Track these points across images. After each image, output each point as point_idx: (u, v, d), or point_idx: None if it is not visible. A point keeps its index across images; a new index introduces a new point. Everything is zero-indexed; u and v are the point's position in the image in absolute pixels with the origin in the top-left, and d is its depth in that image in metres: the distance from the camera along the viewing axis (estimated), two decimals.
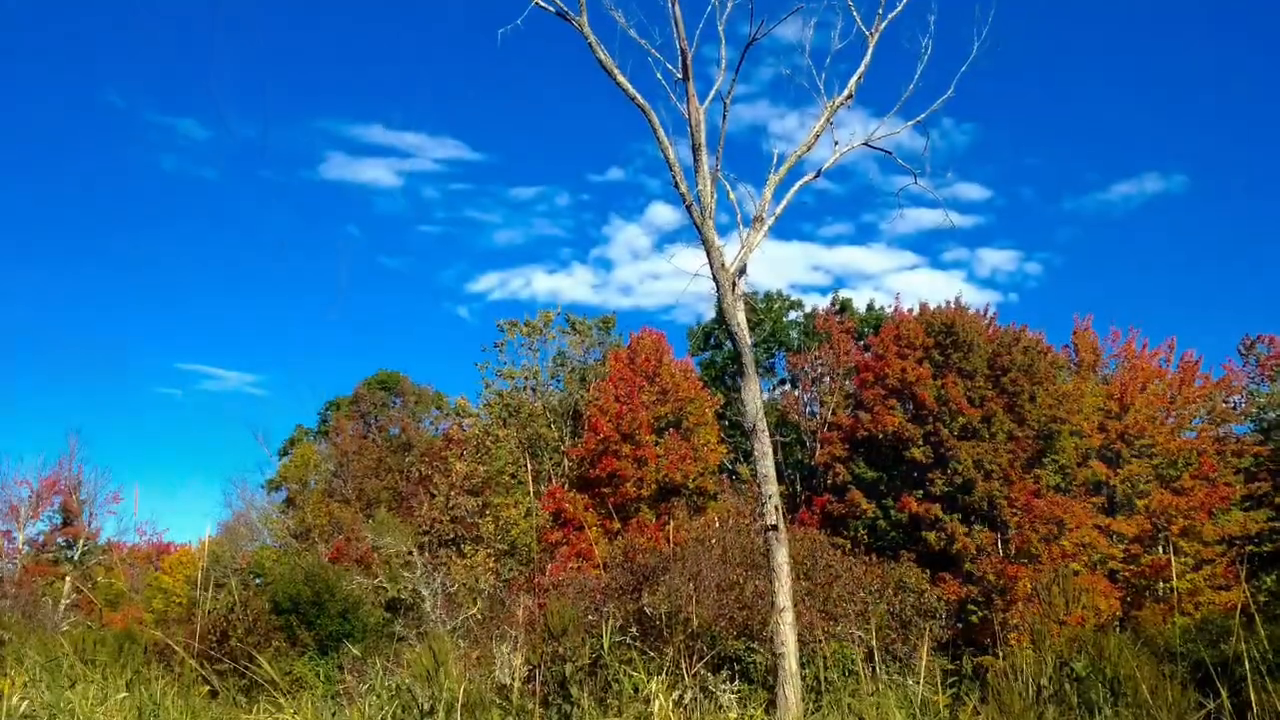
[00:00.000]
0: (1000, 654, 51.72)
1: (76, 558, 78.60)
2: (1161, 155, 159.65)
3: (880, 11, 24.68)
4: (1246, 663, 11.03)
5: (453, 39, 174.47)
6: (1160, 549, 59.47)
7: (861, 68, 24.72)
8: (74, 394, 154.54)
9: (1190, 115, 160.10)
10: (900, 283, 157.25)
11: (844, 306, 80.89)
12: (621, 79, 23.63)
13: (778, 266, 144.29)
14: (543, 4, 23.35)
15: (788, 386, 76.23)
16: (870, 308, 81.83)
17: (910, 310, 65.69)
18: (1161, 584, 58.61)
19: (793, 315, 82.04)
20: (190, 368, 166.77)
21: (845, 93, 24.66)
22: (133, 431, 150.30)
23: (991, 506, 57.35)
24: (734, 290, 23.50)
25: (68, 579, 75.36)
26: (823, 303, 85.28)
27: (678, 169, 23.70)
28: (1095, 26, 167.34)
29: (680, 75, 23.89)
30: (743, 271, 23.84)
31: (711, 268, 23.51)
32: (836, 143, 25.13)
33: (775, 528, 22.38)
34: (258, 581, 72.13)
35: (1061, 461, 60.69)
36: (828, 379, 70.14)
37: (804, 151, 24.72)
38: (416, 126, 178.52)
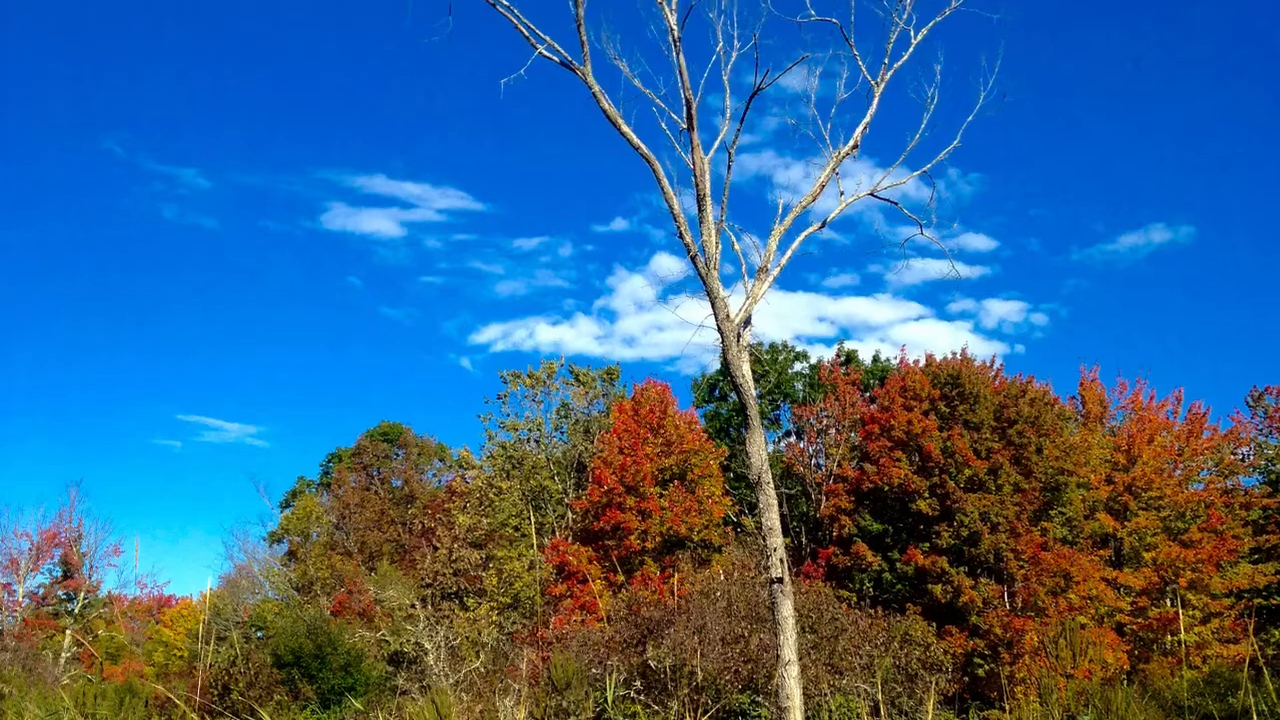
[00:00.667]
0: (1007, 708, 51.31)
1: (77, 611, 78.30)
2: (1168, 206, 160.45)
3: (886, 61, 24.69)
4: (1255, 716, 10.86)
5: (455, 88, 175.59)
6: (1168, 602, 58.99)
7: (867, 118, 24.69)
8: (74, 446, 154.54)
9: (1197, 166, 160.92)
10: (906, 334, 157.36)
11: (849, 358, 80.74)
12: (626, 129, 23.59)
13: (783, 317, 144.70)
14: (546, 54, 23.33)
15: (793, 438, 75.87)
16: (876, 359, 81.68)
17: (916, 362, 65.43)
18: (1169, 637, 58.13)
19: (798, 367, 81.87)
20: (191, 419, 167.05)
21: (851, 143, 24.61)
22: (133, 483, 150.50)
23: (998, 559, 56.93)
24: (739, 341, 23.39)
25: (68, 632, 75.05)
26: (828, 354, 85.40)
27: (682, 219, 23.64)
28: (1102, 78, 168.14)
29: (685, 125, 23.85)
30: (747, 323, 23.74)
31: (716, 319, 23.42)
32: (842, 193, 25.11)
33: (780, 580, 22.21)
34: (259, 635, 71.85)
35: (1068, 514, 60.32)
36: (833, 431, 69.82)
37: (809, 202, 24.67)
38: (419, 176, 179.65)
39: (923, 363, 64.44)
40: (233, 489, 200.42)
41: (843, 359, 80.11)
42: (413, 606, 60.33)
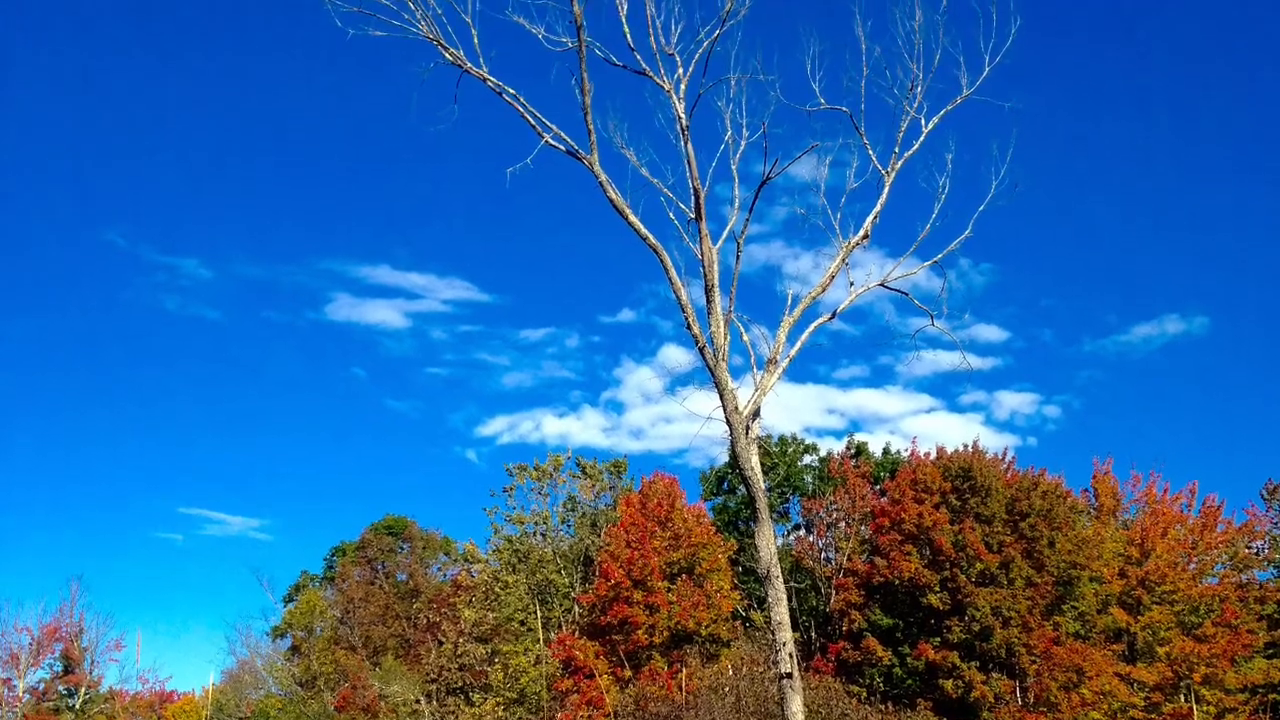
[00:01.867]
0: None
1: (78, 706, 77.54)
2: (1182, 297, 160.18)
3: (897, 150, 24.53)
4: None
5: (460, 178, 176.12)
6: (1182, 697, 58.28)
7: (877, 207, 24.53)
8: (75, 539, 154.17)
9: (1211, 257, 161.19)
10: (917, 426, 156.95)
11: (859, 450, 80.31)
12: (633, 219, 23.43)
13: (792, 410, 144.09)
14: (553, 142, 23.20)
15: (802, 532, 75.43)
16: (886, 452, 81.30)
17: (927, 454, 65.19)
18: None
19: (807, 459, 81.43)
20: (192, 512, 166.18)
21: (861, 233, 24.44)
22: (134, 577, 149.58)
23: (1010, 654, 56.35)
24: (747, 434, 23.13)
25: None
26: (838, 446, 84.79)
27: (690, 310, 23.47)
28: (1115, 167, 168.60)
29: (693, 215, 23.70)
30: (756, 415, 23.50)
31: (725, 411, 23.19)
32: (852, 283, 24.92)
33: (789, 675, 21.90)
34: None
35: (1081, 608, 59.80)
36: (843, 524, 69.35)
37: (819, 293, 24.50)
38: (424, 267, 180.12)
39: (934, 455, 64.22)
40: (235, 583, 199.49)
41: (853, 451, 79.70)
42: (417, 702, 59.75)
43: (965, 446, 63.73)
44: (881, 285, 25.19)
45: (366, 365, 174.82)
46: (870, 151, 24.59)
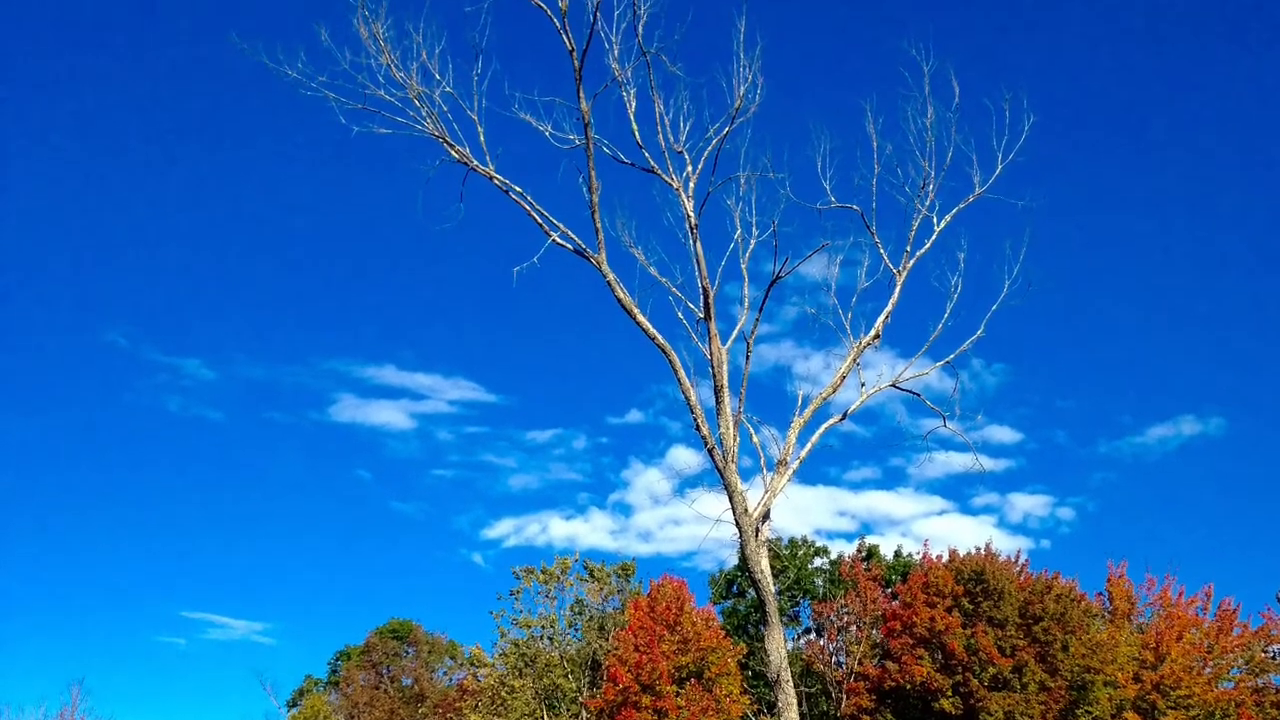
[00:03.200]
0: None
1: None
2: (1198, 398, 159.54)
3: (908, 249, 24.40)
4: None
5: (467, 277, 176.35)
6: None
7: (889, 306, 24.36)
8: (76, 643, 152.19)
9: (1228, 357, 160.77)
10: (929, 528, 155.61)
11: (870, 553, 79.92)
12: (641, 319, 23.24)
13: (802, 511, 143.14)
14: (560, 241, 23.07)
15: (813, 635, 74.90)
16: (898, 554, 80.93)
17: (939, 557, 64.86)
18: None
19: (818, 562, 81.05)
20: (195, 615, 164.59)
21: (872, 333, 24.26)
22: (136, 681, 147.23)
23: None
24: (757, 536, 22.84)
25: None
26: (849, 549, 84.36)
27: (699, 411, 23.24)
28: (1130, 266, 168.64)
29: (702, 314, 23.52)
30: (766, 517, 23.23)
31: (734, 513, 22.92)
32: (863, 384, 24.71)
33: None
34: None
35: (1095, 713, 59.10)
36: (854, 628, 68.82)
37: (829, 394, 24.29)
38: (430, 367, 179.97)
39: (946, 558, 63.89)
40: (238, 687, 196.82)
41: (864, 554, 79.29)
42: None
43: (978, 549, 63.49)
44: (893, 386, 25.01)
45: (371, 467, 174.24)
46: (881, 250, 24.50)
